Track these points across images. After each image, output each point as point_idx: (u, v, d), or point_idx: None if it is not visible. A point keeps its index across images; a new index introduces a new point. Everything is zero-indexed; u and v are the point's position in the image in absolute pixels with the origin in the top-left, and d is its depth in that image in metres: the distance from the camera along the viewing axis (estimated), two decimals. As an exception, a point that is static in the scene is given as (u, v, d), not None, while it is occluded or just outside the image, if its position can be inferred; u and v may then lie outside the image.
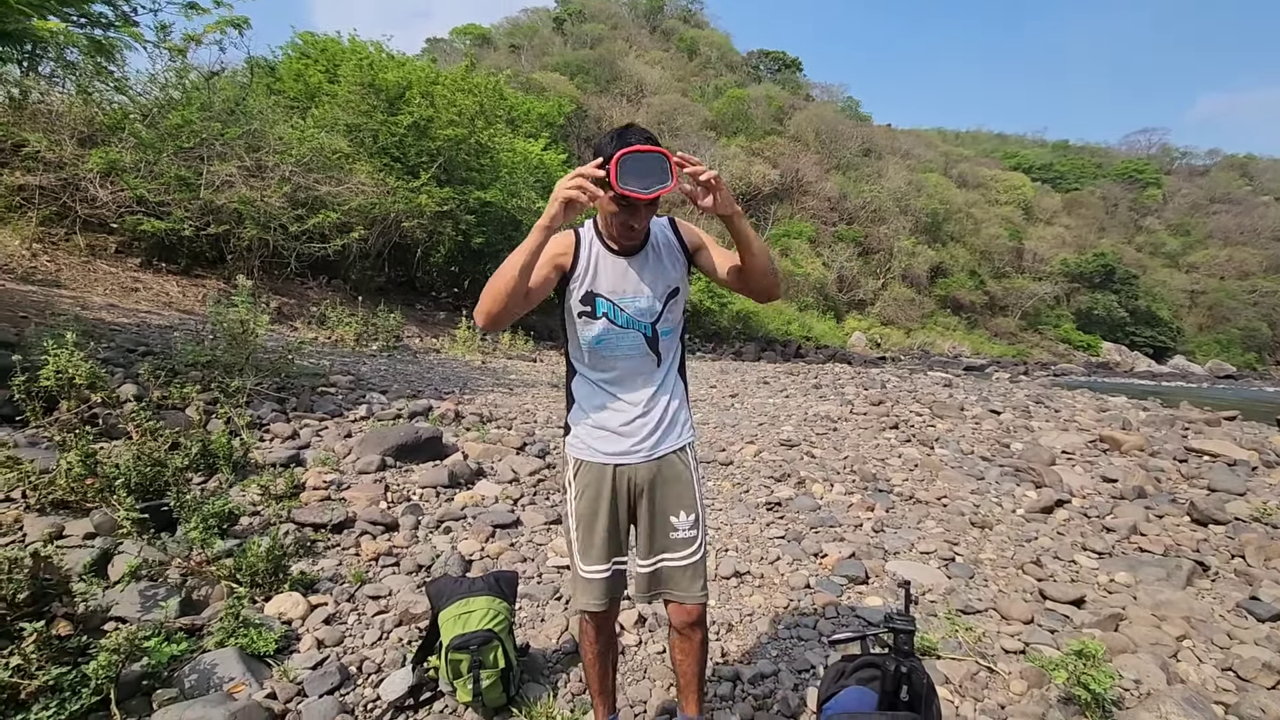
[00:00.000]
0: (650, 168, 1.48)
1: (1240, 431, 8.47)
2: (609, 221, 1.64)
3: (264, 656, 2.15)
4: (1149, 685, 2.43)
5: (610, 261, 1.70)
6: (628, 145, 1.48)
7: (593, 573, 1.74)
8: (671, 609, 1.80)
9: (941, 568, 3.52)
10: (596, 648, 1.83)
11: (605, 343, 1.73)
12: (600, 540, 1.73)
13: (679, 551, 1.75)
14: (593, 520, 1.73)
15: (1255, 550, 3.87)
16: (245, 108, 11.26)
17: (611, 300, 1.70)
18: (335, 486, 3.78)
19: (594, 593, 1.75)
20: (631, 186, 1.47)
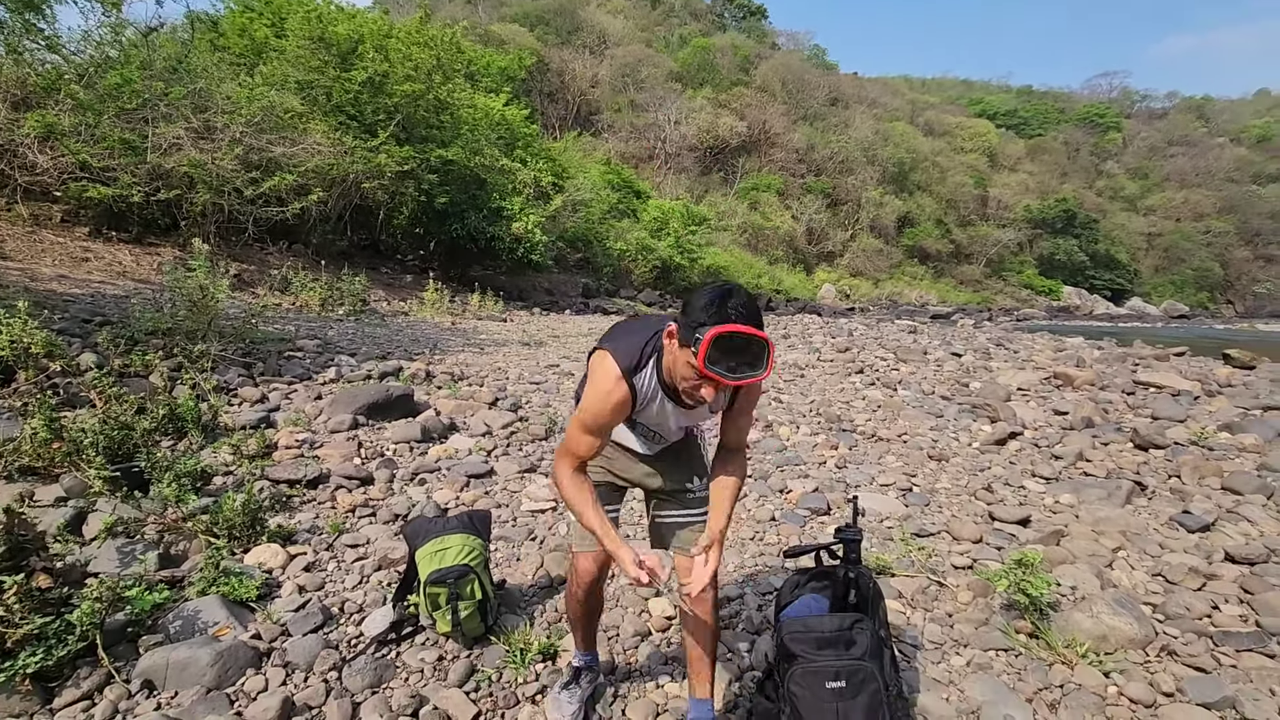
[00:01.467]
0: (745, 350, 1.31)
1: (1187, 365, 8.88)
2: (680, 377, 1.45)
3: (246, 602, 2.22)
4: (1084, 590, 2.63)
5: (665, 405, 1.61)
6: (726, 320, 1.31)
7: None
8: (682, 562, 1.74)
9: (899, 497, 3.71)
10: (584, 589, 1.82)
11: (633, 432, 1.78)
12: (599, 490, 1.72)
13: (695, 509, 1.79)
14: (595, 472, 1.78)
15: (1190, 470, 4.13)
16: (188, 65, 10.75)
17: (648, 428, 1.73)
18: (308, 445, 3.81)
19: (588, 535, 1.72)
20: (719, 370, 1.31)
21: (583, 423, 1.54)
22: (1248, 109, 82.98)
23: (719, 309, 1.33)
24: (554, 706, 1.85)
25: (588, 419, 1.54)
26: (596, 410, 1.53)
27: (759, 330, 1.33)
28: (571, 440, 1.56)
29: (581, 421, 1.54)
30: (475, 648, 2.12)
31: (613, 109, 38.91)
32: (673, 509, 1.81)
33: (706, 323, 1.32)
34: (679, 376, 1.44)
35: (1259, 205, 57.72)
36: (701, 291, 1.40)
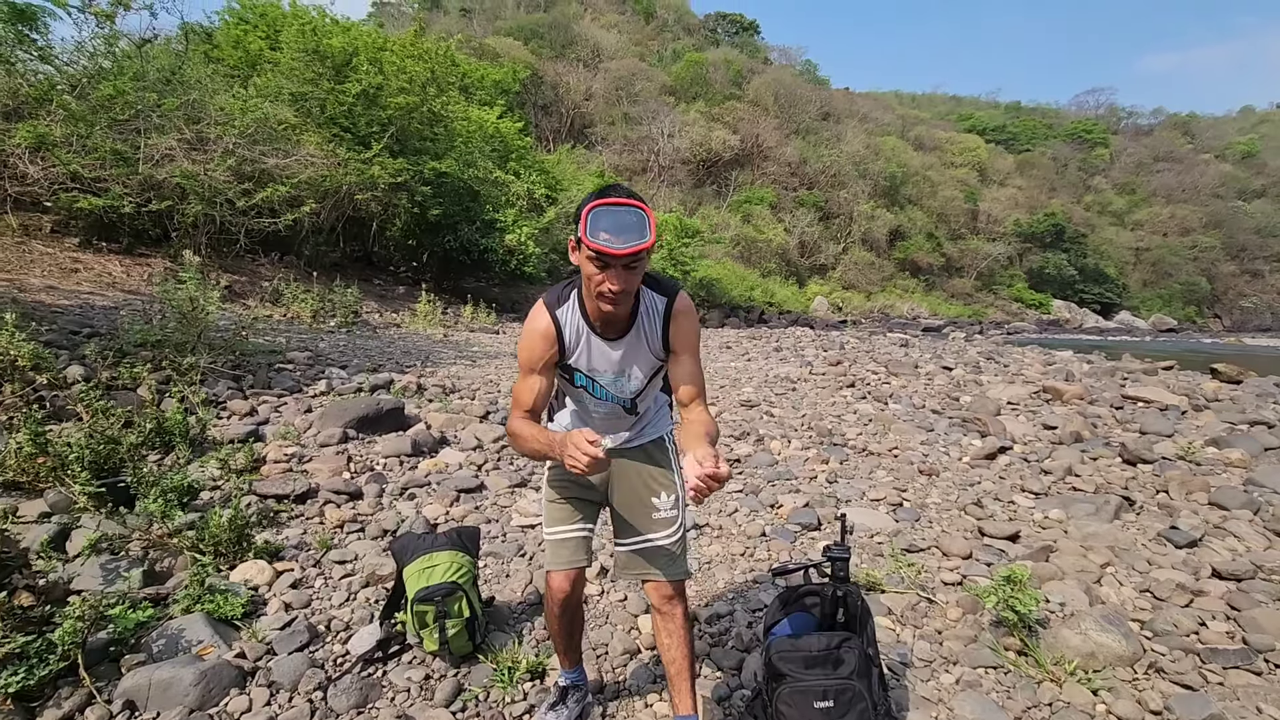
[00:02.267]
0: (626, 222, 1.39)
1: (1175, 379, 8.94)
2: (590, 289, 1.51)
3: (231, 620, 2.20)
4: (1073, 607, 2.64)
5: (594, 344, 1.64)
6: (601, 198, 1.43)
7: (557, 533, 1.77)
8: (650, 587, 1.76)
9: (890, 512, 3.71)
10: (559, 606, 1.79)
11: (582, 404, 1.80)
12: (566, 505, 1.77)
13: (660, 531, 1.75)
14: (566, 487, 1.78)
15: (1178, 485, 4.15)
16: (182, 77, 10.76)
17: (590, 377, 1.69)
18: (297, 459, 3.79)
19: (565, 551, 1.76)
20: (603, 240, 1.38)
21: (520, 369, 1.64)
22: (1232, 126, 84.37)
23: (594, 195, 1.46)
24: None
25: (521, 358, 1.64)
26: (526, 345, 1.62)
27: (635, 200, 1.43)
28: (516, 393, 1.65)
29: (520, 369, 1.64)
30: (463, 666, 2.11)
31: (606, 122, 39.16)
32: (639, 535, 1.76)
33: (583, 207, 1.44)
34: (590, 285, 1.49)
35: (1244, 221, 58.52)
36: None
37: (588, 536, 1.80)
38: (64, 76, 9.66)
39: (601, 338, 1.63)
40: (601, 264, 1.44)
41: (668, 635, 1.74)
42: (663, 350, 1.68)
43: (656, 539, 1.75)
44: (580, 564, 1.78)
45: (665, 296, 1.67)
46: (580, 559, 1.77)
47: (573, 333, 1.62)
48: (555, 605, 1.80)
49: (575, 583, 1.77)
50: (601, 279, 1.45)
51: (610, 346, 1.64)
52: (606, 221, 1.40)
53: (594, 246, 1.40)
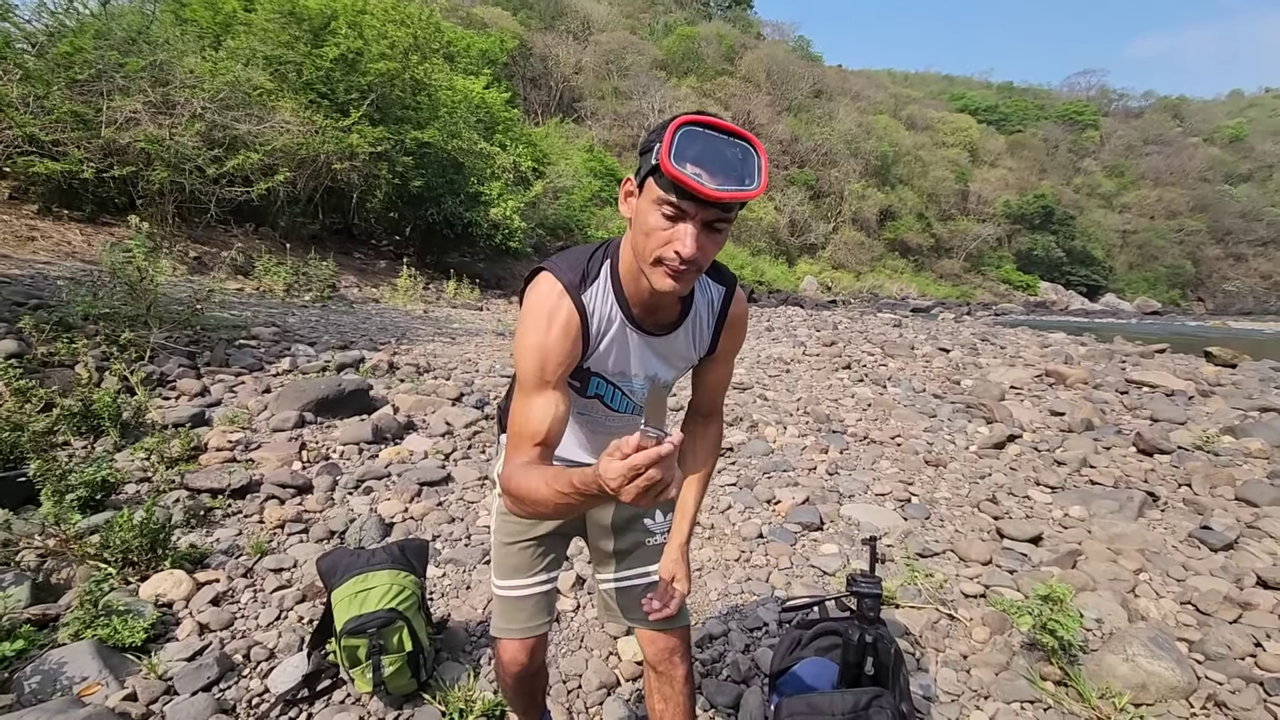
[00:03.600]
0: (728, 157, 0.93)
1: (1173, 363, 8.72)
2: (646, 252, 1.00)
3: (129, 649, 1.83)
4: (1111, 624, 2.33)
5: (630, 340, 1.18)
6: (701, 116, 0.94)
7: (515, 589, 1.35)
8: (643, 637, 1.36)
9: (897, 509, 3.39)
10: (513, 680, 1.40)
11: (587, 418, 1.30)
12: (531, 549, 1.34)
13: (656, 563, 1.37)
14: (524, 528, 1.33)
15: (1202, 479, 3.87)
16: (149, 36, 10.12)
17: (613, 383, 1.23)
18: (242, 446, 3.40)
19: (520, 615, 1.34)
20: (691, 173, 0.90)
21: (524, 380, 1.06)
22: (1221, 109, 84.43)
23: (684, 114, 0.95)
24: None
25: (527, 368, 1.05)
26: (535, 345, 1.05)
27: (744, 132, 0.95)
28: (517, 420, 1.06)
29: (522, 380, 1.06)
30: (405, 707, 1.75)
31: (596, 96, 38.27)
32: (627, 569, 1.38)
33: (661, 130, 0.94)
34: (646, 235, 0.99)
35: (1230, 205, 58.74)
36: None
37: (552, 590, 1.39)
38: (23, 34, 9.05)
39: (640, 330, 1.16)
40: (676, 213, 0.95)
41: (663, 700, 1.35)
42: (708, 351, 1.27)
43: (650, 573, 1.37)
44: (543, 629, 1.37)
45: (724, 286, 1.24)
46: (542, 622, 1.37)
47: (601, 324, 1.13)
48: (509, 678, 1.39)
49: (535, 651, 1.37)
50: (670, 236, 0.97)
51: (650, 343, 1.19)
52: (701, 148, 0.91)
53: (676, 176, 0.90)
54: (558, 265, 1.11)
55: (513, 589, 1.35)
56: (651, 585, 1.36)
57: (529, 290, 1.11)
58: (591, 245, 1.16)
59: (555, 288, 1.08)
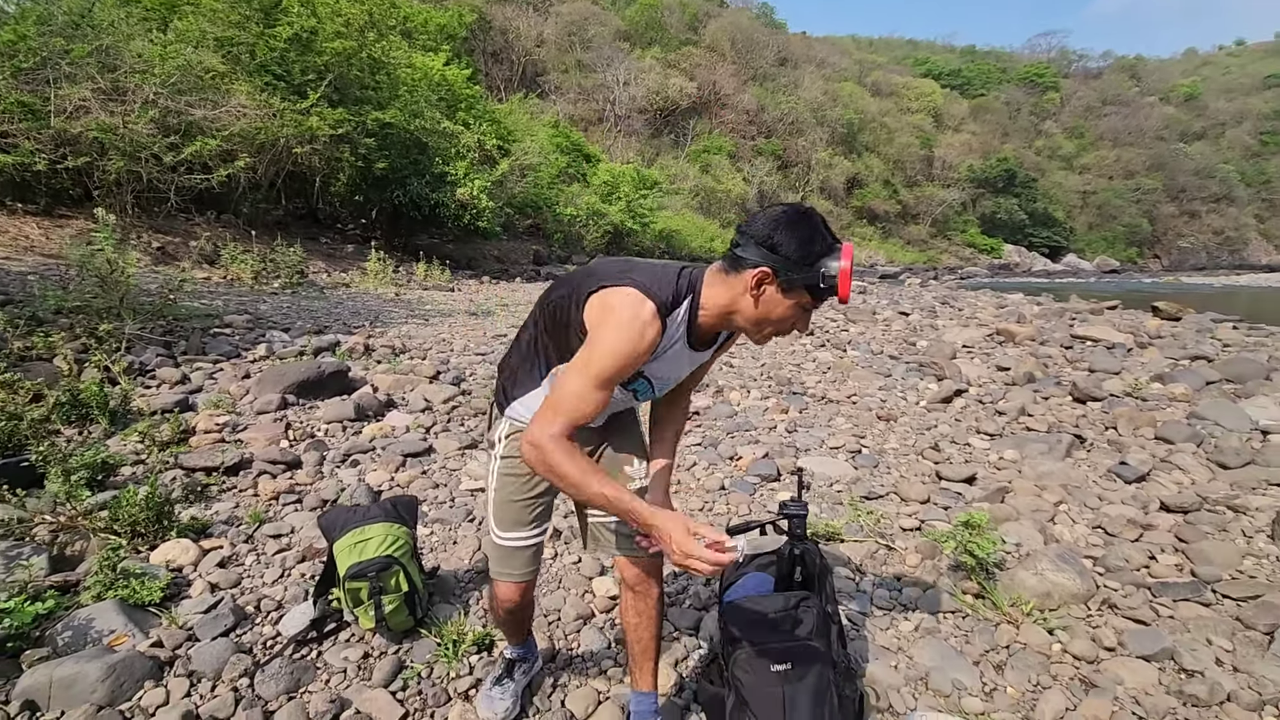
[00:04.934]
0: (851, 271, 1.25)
1: (1120, 318, 9.18)
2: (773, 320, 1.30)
3: (149, 606, 2.02)
4: (1028, 547, 2.64)
5: (679, 354, 1.39)
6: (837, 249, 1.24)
7: (515, 540, 1.54)
8: (623, 563, 1.59)
9: (849, 460, 3.69)
10: (505, 613, 1.64)
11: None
12: (525, 506, 1.53)
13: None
14: (522, 488, 1.52)
15: (1126, 421, 4.23)
16: (93, 20, 9.85)
17: (650, 381, 1.44)
18: (230, 429, 3.56)
19: (518, 562, 1.55)
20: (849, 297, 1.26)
21: (599, 375, 1.21)
22: (1176, 68, 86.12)
23: (827, 233, 1.26)
24: (485, 704, 1.71)
25: (608, 368, 1.22)
26: (625, 353, 1.22)
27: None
28: (574, 399, 1.22)
29: (597, 374, 1.21)
30: (404, 642, 1.98)
31: (560, 70, 37.79)
32: None
33: (823, 255, 1.23)
34: (772, 321, 1.29)
35: (1184, 163, 60.32)
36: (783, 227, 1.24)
37: (543, 541, 1.61)
38: (-38, 24, 8.77)
39: (690, 348, 1.40)
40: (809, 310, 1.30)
41: (637, 615, 1.60)
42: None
43: None
44: (534, 574, 1.60)
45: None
46: (534, 567, 1.59)
47: (669, 343, 1.33)
48: (501, 611, 1.64)
49: (526, 591, 1.60)
50: (794, 323, 1.31)
51: (692, 355, 1.43)
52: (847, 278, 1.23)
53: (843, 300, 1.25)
54: (650, 287, 1.26)
55: (514, 540, 1.54)
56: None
57: (619, 300, 1.25)
58: (672, 268, 1.33)
59: (649, 308, 1.24)
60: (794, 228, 1.24)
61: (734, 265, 1.28)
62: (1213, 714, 1.78)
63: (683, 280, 1.31)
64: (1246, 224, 60.55)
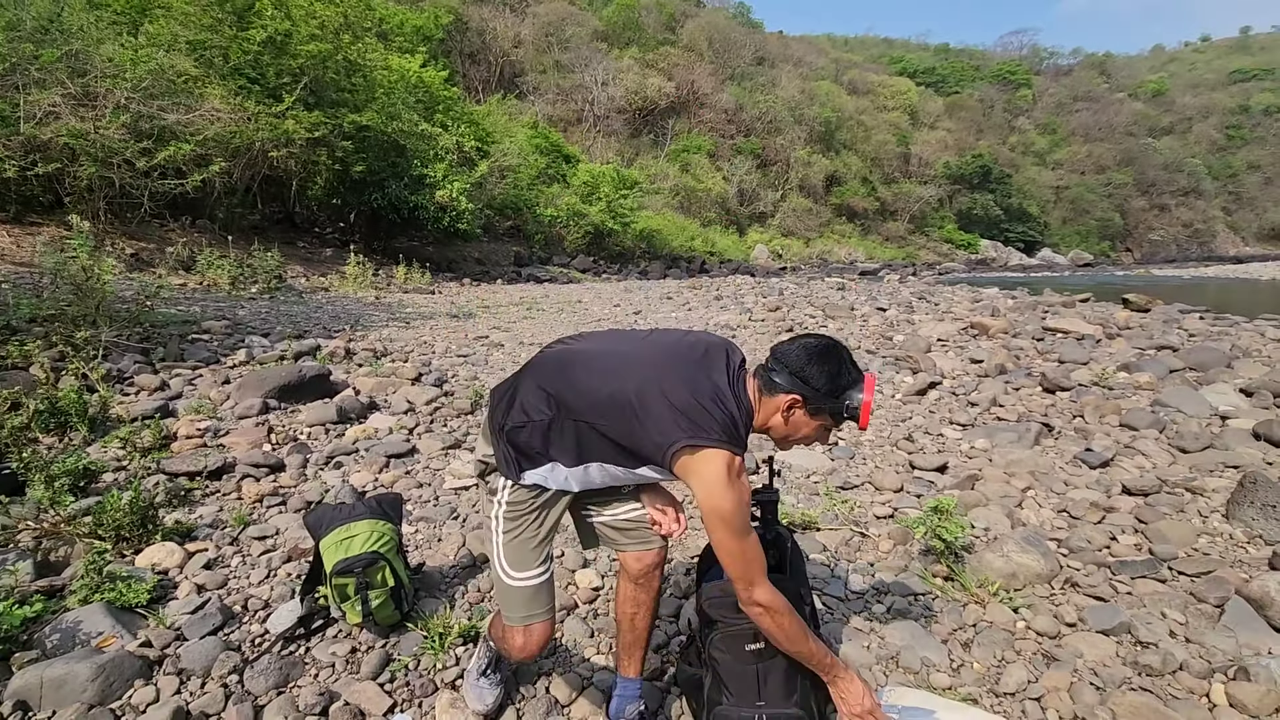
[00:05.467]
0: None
1: (1091, 311, 9.39)
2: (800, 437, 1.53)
3: (136, 608, 2.05)
4: (996, 531, 2.74)
5: None
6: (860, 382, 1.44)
7: (533, 578, 1.53)
8: (630, 558, 1.65)
9: (825, 452, 3.77)
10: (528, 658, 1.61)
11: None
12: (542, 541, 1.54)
13: (637, 501, 1.65)
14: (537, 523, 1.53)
15: (1093, 410, 4.37)
16: (62, 24, 9.70)
17: None
18: (211, 434, 3.57)
19: (542, 597, 1.55)
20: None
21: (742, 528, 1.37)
22: (1144, 64, 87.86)
23: (853, 368, 1.46)
24: (474, 694, 1.74)
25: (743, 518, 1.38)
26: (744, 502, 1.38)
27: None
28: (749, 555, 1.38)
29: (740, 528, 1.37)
30: (391, 636, 2.03)
31: (538, 70, 37.71)
32: (619, 503, 1.65)
33: (848, 388, 1.43)
34: (797, 437, 1.52)
35: (1154, 157, 61.53)
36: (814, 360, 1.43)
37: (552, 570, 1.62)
38: (-73, 29, 8.61)
39: None
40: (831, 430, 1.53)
41: (636, 605, 1.66)
42: None
43: (635, 508, 1.65)
44: (553, 611, 1.60)
45: None
46: (552, 604, 1.60)
47: None
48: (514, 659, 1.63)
49: (546, 638, 1.59)
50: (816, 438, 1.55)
51: None
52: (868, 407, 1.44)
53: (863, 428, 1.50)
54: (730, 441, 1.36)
55: (531, 578, 1.54)
56: (640, 518, 1.65)
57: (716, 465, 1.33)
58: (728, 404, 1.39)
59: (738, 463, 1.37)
60: (824, 362, 1.43)
61: (769, 388, 1.47)
62: (1166, 682, 1.88)
63: (741, 413, 1.42)
64: (1214, 217, 61.91)
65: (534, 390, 1.47)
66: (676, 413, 1.35)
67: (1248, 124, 69.36)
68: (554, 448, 1.45)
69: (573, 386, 1.45)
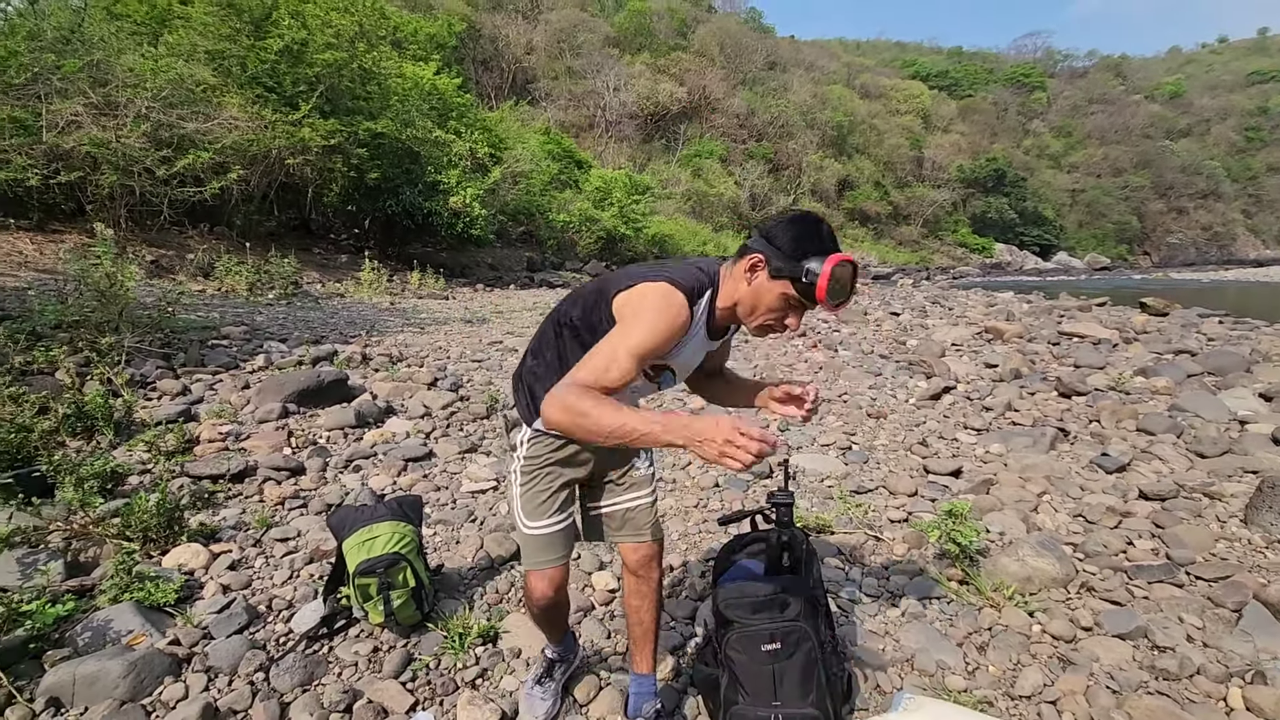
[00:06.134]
0: (850, 278, 1.34)
1: (1107, 314, 9.32)
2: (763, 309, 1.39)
3: (164, 607, 2.10)
4: (1011, 535, 2.74)
5: (699, 342, 1.50)
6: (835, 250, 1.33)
7: (545, 527, 1.58)
8: (627, 549, 1.69)
9: (840, 456, 3.78)
10: (540, 609, 1.66)
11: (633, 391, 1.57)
12: (555, 494, 1.59)
13: (640, 491, 1.68)
14: (552, 472, 1.59)
15: (1109, 415, 4.34)
16: (83, 35, 9.91)
17: (675, 372, 1.56)
18: (233, 437, 3.63)
19: (552, 548, 1.59)
20: (835, 300, 1.33)
21: (632, 347, 1.27)
22: (1161, 66, 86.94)
23: (824, 239, 1.34)
24: (526, 705, 1.77)
25: (643, 342, 1.28)
26: (660, 329, 1.30)
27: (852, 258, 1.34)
28: (604, 359, 1.26)
29: (631, 346, 1.27)
30: (412, 636, 2.06)
31: (550, 76, 37.96)
32: (618, 494, 1.68)
33: (816, 253, 1.31)
34: (761, 308, 1.39)
35: (1171, 160, 60.86)
36: (784, 223, 1.37)
37: (572, 525, 1.65)
38: (-50, 40, 8.82)
39: (709, 337, 1.52)
40: (796, 307, 1.38)
41: (639, 598, 1.70)
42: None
43: (638, 499, 1.69)
44: (566, 559, 1.64)
45: None
46: (566, 553, 1.63)
47: (692, 331, 1.44)
48: (536, 608, 1.66)
49: (559, 583, 1.64)
50: (782, 315, 1.40)
51: (707, 344, 1.55)
52: (840, 281, 1.31)
53: (827, 307, 1.34)
54: (679, 279, 1.37)
55: (545, 528, 1.58)
56: (640, 509, 1.69)
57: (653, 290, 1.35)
58: (691, 264, 1.44)
59: (679, 298, 1.35)
60: (794, 226, 1.36)
61: (739, 254, 1.42)
62: (1182, 686, 1.88)
63: (704, 274, 1.43)
64: (1234, 220, 61.15)
65: (546, 327, 1.58)
66: (631, 274, 1.43)
67: (1267, 126, 68.50)
68: (550, 374, 1.47)
69: (573, 301, 1.53)
